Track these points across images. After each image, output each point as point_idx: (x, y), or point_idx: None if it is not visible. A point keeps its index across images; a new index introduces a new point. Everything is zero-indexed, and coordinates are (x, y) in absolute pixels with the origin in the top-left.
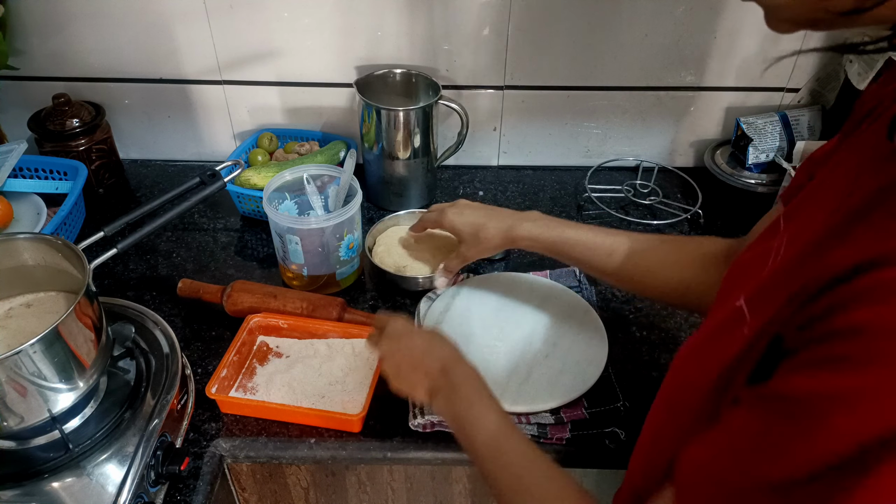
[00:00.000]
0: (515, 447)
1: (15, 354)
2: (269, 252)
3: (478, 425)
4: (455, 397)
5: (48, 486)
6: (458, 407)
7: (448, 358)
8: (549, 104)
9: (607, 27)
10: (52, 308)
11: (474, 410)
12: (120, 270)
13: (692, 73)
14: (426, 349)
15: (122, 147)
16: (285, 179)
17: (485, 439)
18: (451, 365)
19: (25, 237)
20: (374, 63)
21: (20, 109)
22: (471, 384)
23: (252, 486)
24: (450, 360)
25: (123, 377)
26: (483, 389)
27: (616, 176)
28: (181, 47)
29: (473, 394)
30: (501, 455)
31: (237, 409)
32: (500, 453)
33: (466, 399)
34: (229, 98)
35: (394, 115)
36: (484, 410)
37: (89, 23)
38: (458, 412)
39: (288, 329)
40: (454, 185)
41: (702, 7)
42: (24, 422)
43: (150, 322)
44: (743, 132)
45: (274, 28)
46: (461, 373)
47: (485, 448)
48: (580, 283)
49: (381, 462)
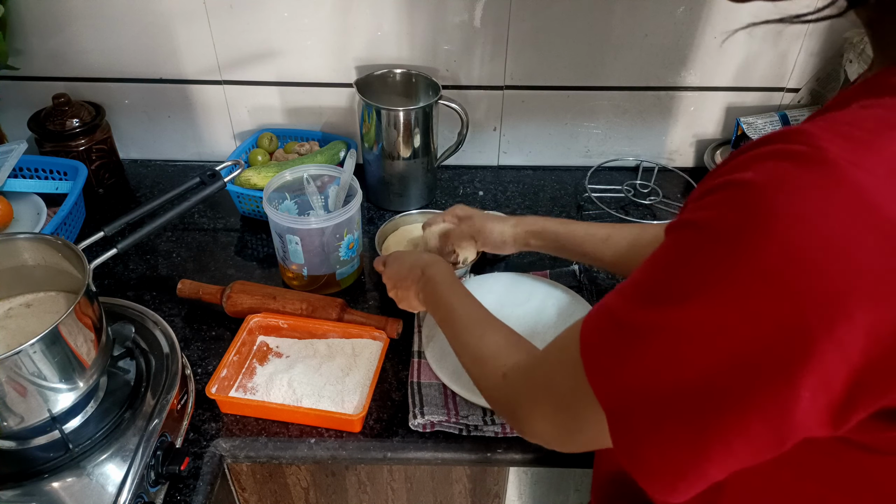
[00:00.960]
0: (468, 303)
1: (15, 354)
2: (269, 252)
3: (442, 301)
4: (428, 285)
5: (48, 486)
6: (431, 291)
7: (426, 261)
8: (549, 104)
9: (607, 27)
10: (52, 308)
11: (440, 289)
12: (120, 270)
13: (692, 73)
14: (413, 262)
15: (122, 147)
16: (285, 179)
17: (446, 311)
18: (426, 265)
19: (25, 237)
20: (374, 63)
21: (20, 109)
22: (442, 274)
23: (252, 486)
24: (426, 262)
25: (123, 377)
26: (449, 275)
27: (616, 176)
28: (181, 47)
29: (443, 280)
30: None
31: (237, 409)
32: (457, 310)
33: (437, 283)
34: (229, 98)
35: (394, 115)
36: (447, 289)
37: (89, 23)
38: (431, 296)
39: (288, 329)
40: (454, 185)
41: (702, 7)
42: (24, 422)
43: (150, 322)
44: (743, 132)
45: (274, 28)
46: (434, 269)
47: (446, 311)
48: (580, 283)
49: (381, 462)
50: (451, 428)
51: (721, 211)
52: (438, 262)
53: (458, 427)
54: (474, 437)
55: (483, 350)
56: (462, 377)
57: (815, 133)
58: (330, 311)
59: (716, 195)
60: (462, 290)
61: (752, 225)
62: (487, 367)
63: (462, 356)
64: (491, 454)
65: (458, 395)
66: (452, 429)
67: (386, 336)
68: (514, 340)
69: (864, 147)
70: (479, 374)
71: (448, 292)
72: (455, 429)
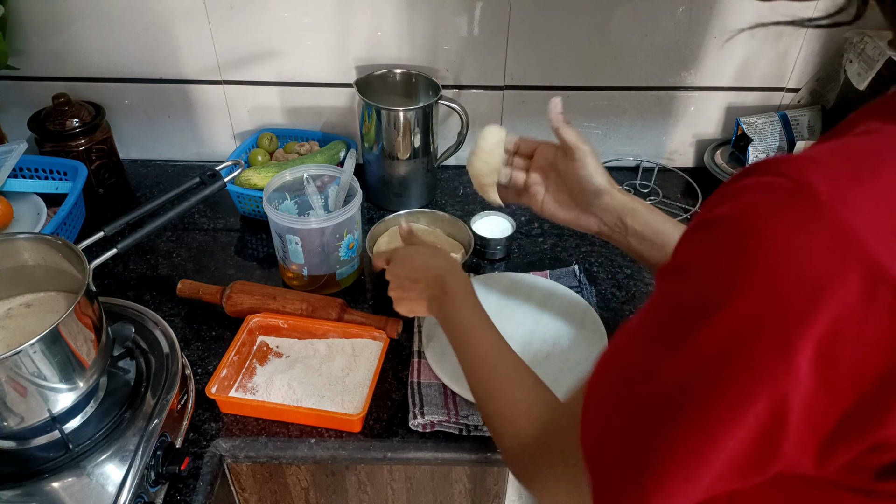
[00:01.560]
0: (490, 341)
1: (15, 354)
2: (269, 252)
3: (462, 326)
4: (446, 301)
5: (48, 486)
6: (449, 309)
7: (443, 268)
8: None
9: (607, 27)
10: (52, 308)
11: (461, 313)
12: (120, 270)
13: (692, 73)
14: (427, 265)
15: (122, 147)
16: (285, 179)
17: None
18: (445, 274)
19: (25, 237)
20: (374, 63)
21: (20, 109)
22: (461, 290)
23: (252, 487)
24: (445, 271)
25: (123, 377)
26: (470, 296)
27: (616, 176)
28: (181, 47)
29: (464, 299)
30: (478, 349)
31: (237, 409)
32: (476, 346)
33: (456, 302)
34: (229, 98)
35: (394, 115)
36: (469, 314)
37: (89, 23)
38: (449, 315)
39: (288, 329)
40: (454, 185)
41: (702, 7)
42: (24, 422)
43: (150, 322)
44: (743, 132)
45: (274, 28)
46: (453, 281)
47: (464, 342)
48: (580, 283)
49: (381, 462)
50: (451, 428)
51: (702, 253)
52: (459, 274)
53: (458, 427)
54: (474, 437)
55: (504, 408)
56: (462, 377)
57: (802, 165)
58: (330, 311)
59: (698, 235)
60: (485, 317)
61: (732, 265)
62: (506, 429)
63: (478, 397)
64: (491, 454)
65: (458, 395)
66: (452, 429)
67: (386, 336)
68: (539, 399)
69: (851, 181)
70: (497, 430)
71: (469, 317)
72: (455, 429)
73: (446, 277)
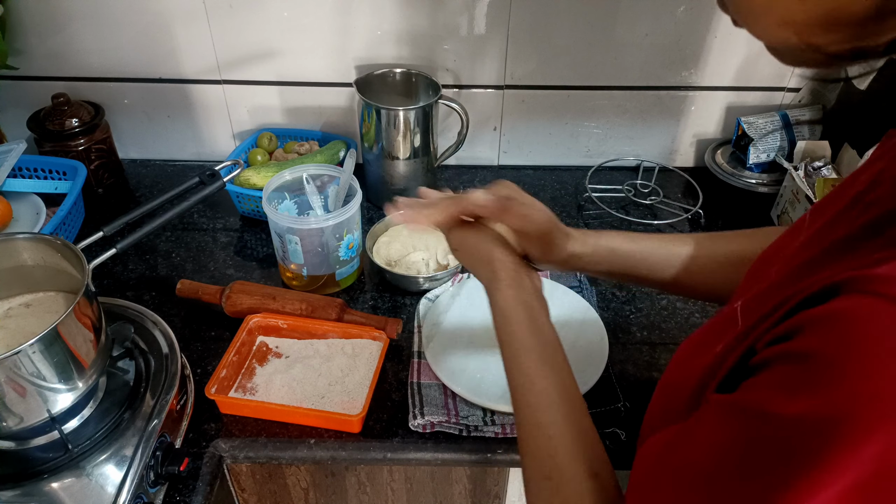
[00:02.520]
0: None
1: (14, 354)
2: (269, 252)
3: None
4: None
5: (47, 486)
6: (511, 313)
7: (517, 264)
8: (549, 104)
9: (607, 27)
10: (52, 308)
11: (522, 326)
12: (119, 270)
13: (692, 73)
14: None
15: (122, 147)
16: (285, 179)
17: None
18: (524, 278)
19: (25, 237)
20: (374, 63)
21: (19, 109)
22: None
23: (252, 487)
24: (525, 274)
25: (123, 377)
26: (544, 309)
27: (616, 176)
28: (181, 47)
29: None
30: (538, 389)
31: (237, 409)
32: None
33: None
34: (229, 98)
35: (394, 115)
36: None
37: (89, 23)
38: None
39: (287, 329)
40: (454, 186)
41: (702, 7)
42: (24, 422)
43: (150, 322)
44: (744, 132)
45: (274, 28)
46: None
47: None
48: (580, 283)
49: (381, 462)
50: (451, 428)
51: (801, 401)
52: (533, 277)
53: (458, 427)
54: (474, 438)
55: (551, 469)
56: (462, 377)
57: None
58: (329, 311)
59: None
60: (553, 333)
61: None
62: (541, 490)
63: (523, 434)
64: (491, 455)
65: (458, 396)
66: (452, 429)
67: (385, 336)
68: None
69: None
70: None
71: (533, 336)
72: (455, 429)
73: (523, 279)
